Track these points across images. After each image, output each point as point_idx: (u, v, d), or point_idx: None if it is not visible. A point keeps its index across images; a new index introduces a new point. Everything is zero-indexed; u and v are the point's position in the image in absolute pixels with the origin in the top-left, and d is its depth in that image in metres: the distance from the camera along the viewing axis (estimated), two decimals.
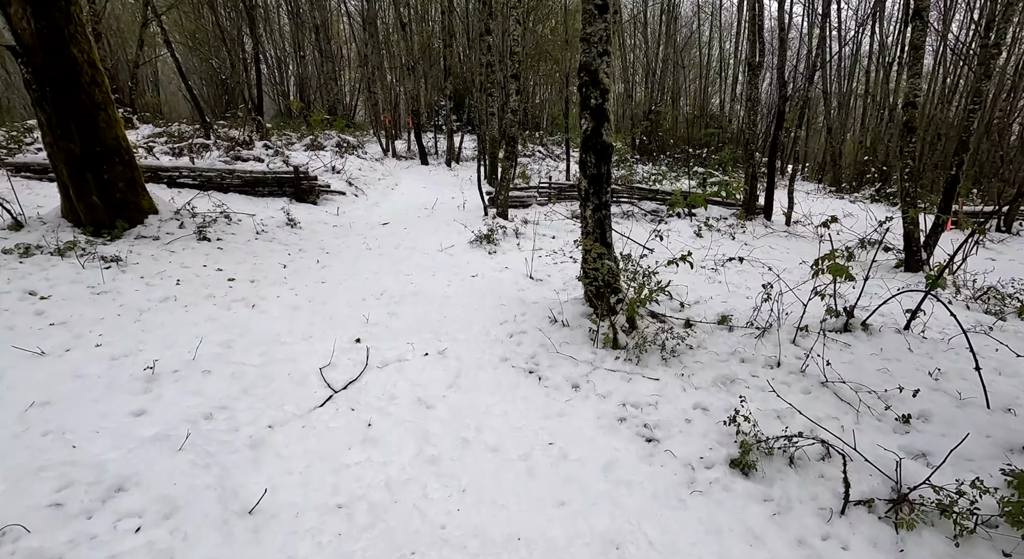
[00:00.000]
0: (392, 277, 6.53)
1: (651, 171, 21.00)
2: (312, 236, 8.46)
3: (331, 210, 10.38)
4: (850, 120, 27.66)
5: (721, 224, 11.38)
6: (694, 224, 11.51)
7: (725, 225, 11.33)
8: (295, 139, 16.43)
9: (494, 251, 8.04)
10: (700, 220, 12.09)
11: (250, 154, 12.83)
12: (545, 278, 6.72)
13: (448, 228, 9.54)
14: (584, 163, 4.87)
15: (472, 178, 16.64)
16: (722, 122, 30.41)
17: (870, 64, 26.30)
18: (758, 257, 8.49)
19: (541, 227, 9.94)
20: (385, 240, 8.55)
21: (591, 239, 4.98)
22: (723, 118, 31.91)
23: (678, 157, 24.40)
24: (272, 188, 10.51)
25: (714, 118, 33.09)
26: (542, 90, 30.18)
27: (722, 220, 12.23)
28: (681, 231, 10.80)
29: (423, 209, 11.53)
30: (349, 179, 12.59)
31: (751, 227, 11.37)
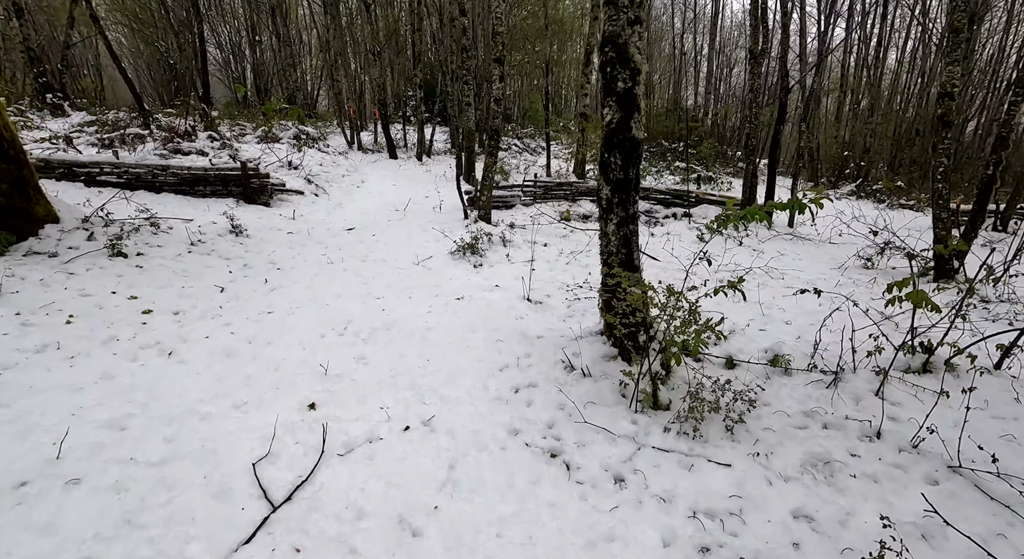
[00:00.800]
0: (359, 302, 5.34)
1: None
2: (261, 247, 7.15)
3: (286, 213, 9.03)
4: (822, 113, 27.62)
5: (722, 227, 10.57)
6: (693, 227, 10.67)
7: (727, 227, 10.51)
8: (249, 130, 14.82)
9: (480, 264, 6.93)
10: (697, 221, 11.28)
11: (192, 147, 11.26)
12: (544, 299, 5.67)
13: (424, 235, 8.36)
14: (607, 165, 3.82)
15: (446, 174, 15.45)
16: (695, 116, 30.02)
17: (847, 57, 26.23)
18: (774, 266, 7.66)
19: (529, 232, 8.87)
20: (350, 251, 7.32)
21: (614, 260, 3.95)
22: (696, 112, 31.57)
23: (654, 151, 23.76)
24: (215, 187, 9.08)
25: (685, 111, 32.74)
26: (513, 81, 29.07)
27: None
28: (681, 235, 9.92)
29: (394, 211, 10.28)
30: (308, 176, 11.21)
31: (753, 229, 10.60)
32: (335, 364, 3.91)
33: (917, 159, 25.96)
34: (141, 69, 28.30)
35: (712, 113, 31.14)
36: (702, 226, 10.56)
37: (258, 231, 7.74)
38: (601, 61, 3.69)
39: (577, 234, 9.05)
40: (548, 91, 17.78)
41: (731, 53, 33.77)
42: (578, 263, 7.24)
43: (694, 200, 12.19)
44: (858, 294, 6.33)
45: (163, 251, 6.11)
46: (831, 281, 7.00)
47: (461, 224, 9.07)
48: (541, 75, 26.05)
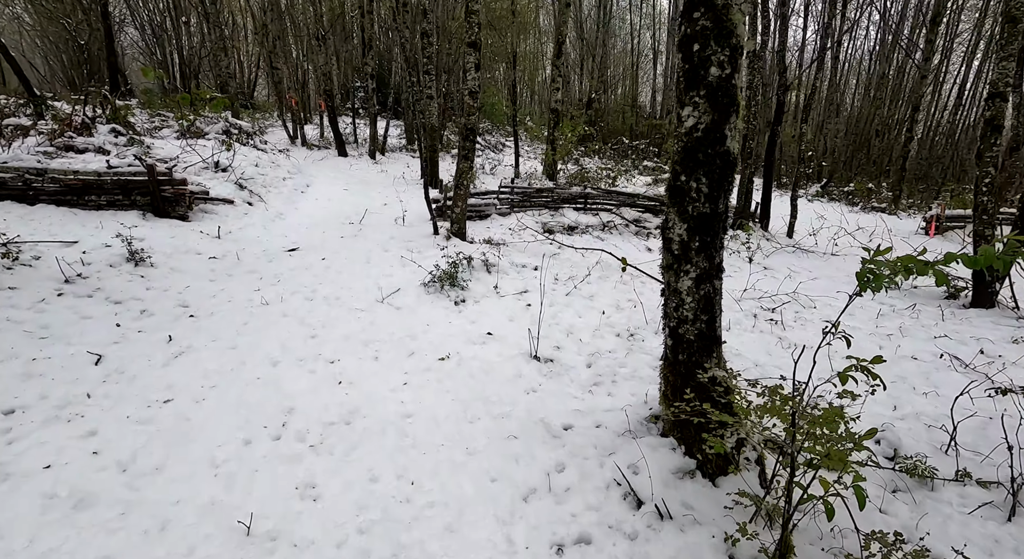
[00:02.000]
0: (305, 371, 3.87)
1: (602, 166, 19.26)
2: (170, 281, 5.48)
3: (209, 230, 7.30)
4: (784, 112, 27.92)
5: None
6: None
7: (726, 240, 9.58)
8: (172, 123, 12.67)
9: (462, 300, 5.56)
10: None
11: (88, 143, 9.21)
12: (555, 354, 4.39)
13: (387, 256, 6.88)
14: (682, 192, 2.58)
15: (405, 175, 13.92)
16: (655, 113, 29.71)
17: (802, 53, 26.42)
18: (799, 290, 6.72)
19: (513, 250, 7.57)
20: (293, 283, 5.76)
21: (689, 330, 2.72)
22: (655, 109, 31.30)
23: (616, 149, 23.02)
24: (113, 197, 7.22)
25: (653, 108, 32.47)
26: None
27: None
28: None
29: (347, 224, 8.70)
30: (241, 180, 9.41)
31: (753, 241, 9.75)
32: (266, 508, 2.47)
33: (877, 160, 26.62)
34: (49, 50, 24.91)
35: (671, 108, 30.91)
36: None
37: (168, 257, 6.03)
38: (682, 35, 2.44)
39: (568, 253, 7.83)
40: (516, 84, 16.49)
41: None
42: (580, 294, 6.01)
43: None
44: (910, 328, 5.44)
45: (15, 297, 4.38)
46: (870, 311, 6.11)
47: (431, 241, 7.64)
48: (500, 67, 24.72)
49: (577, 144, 23.14)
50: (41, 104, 11.56)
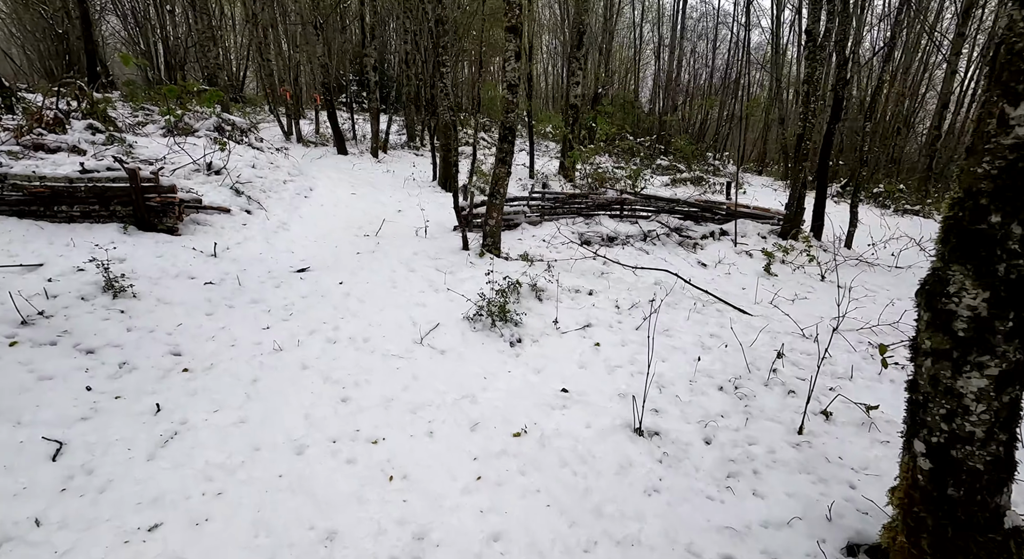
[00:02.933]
0: (340, 459, 2.89)
1: (615, 165, 18.32)
2: (157, 317, 4.46)
3: (203, 245, 6.26)
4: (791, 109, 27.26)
5: (777, 251, 8.71)
6: (741, 251, 8.79)
7: (780, 251, 8.67)
8: (158, 118, 11.54)
9: (518, 338, 4.58)
10: (742, 242, 9.42)
11: (61, 141, 8.12)
12: (657, 423, 3.42)
13: (415, 279, 5.89)
14: (988, 238, 1.62)
15: (415, 176, 12.90)
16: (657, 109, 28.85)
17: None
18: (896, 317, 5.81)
19: (557, 268, 6.60)
20: (308, 319, 4.75)
21: (979, 455, 1.77)
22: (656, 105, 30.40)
23: (620, 147, 22.05)
24: (88, 207, 6.16)
25: (664, 103, 31.53)
26: (463, 68, 26.36)
27: (761, 239, 9.66)
28: (736, 264, 7.98)
29: (361, 236, 7.68)
30: (237, 184, 8.34)
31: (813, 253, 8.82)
32: None
33: (897, 158, 25.89)
34: (26, 40, 23.54)
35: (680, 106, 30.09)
36: (753, 250, 8.70)
37: (155, 284, 5.00)
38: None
39: (614, 269, 6.88)
40: (532, 77, 15.48)
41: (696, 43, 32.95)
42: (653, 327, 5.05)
43: (724, 213, 10.37)
44: None
45: None
46: None
47: (462, 258, 6.65)
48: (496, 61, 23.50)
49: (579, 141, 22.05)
50: (10, 96, 10.43)
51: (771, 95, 28.46)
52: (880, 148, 24.40)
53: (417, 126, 20.26)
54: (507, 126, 6.37)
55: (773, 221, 10.67)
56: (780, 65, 28.47)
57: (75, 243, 5.54)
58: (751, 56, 29.86)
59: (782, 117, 29.09)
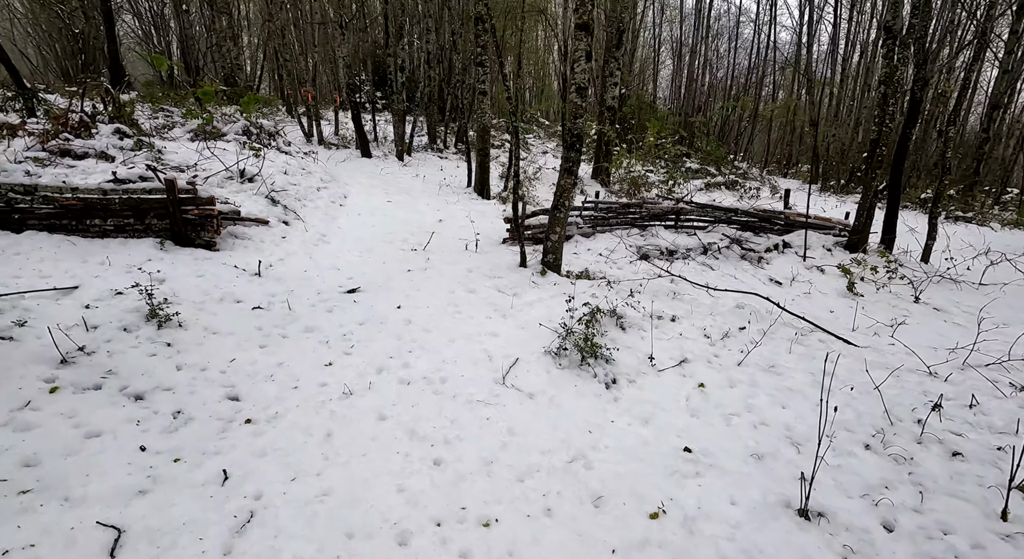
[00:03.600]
0: (445, 546, 2.39)
1: (646, 169, 17.71)
2: (207, 350, 3.99)
3: (245, 262, 5.81)
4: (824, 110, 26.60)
5: (853, 266, 8.07)
6: (811, 265, 8.19)
7: (856, 266, 8.04)
8: (178, 119, 11.17)
9: (612, 379, 4.05)
10: (795, 252, 8.82)
11: (88, 147, 7.74)
12: (820, 503, 2.88)
13: (477, 302, 5.38)
14: None
15: (449, 181, 12.42)
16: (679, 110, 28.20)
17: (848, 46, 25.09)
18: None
19: (627, 288, 6.06)
20: (372, 351, 4.25)
21: None
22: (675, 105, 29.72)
23: (640, 149, 21.35)
24: (123, 220, 5.73)
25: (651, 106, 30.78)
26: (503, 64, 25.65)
27: (827, 252, 9.05)
28: (813, 282, 7.39)
29: (409, 250, 7.20)
30: (272, 193, 7.91)
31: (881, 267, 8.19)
32: None
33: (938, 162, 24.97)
34: (42, 40, 23.47)
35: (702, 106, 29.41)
36: (826, 265, 8.09)
37: (199, 309, 4.55)
38: None
39: (684, 288, 6.34)
40: (566, 76, 14.92)
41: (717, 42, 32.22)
42: (756, 363, 4.50)
43: (782, 223, 9.77)
44: None
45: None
46: None
47: (523, 277, 6.14)
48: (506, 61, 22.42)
49: (659, 148, 21.29)
50: (32, 98, 10.13)
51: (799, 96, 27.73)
52: (958, 154, 23.62)
53: (438, 128, 19.83)
54: (575, 133, 5.85)
55: (834, 232, 10.05)
56: (811, 65, 27.74)
57: (110, 261, 5.11)
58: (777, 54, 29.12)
59: (813, 119, 28.30)
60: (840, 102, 26.10)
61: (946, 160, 8.51)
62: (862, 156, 25.44)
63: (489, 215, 9.73)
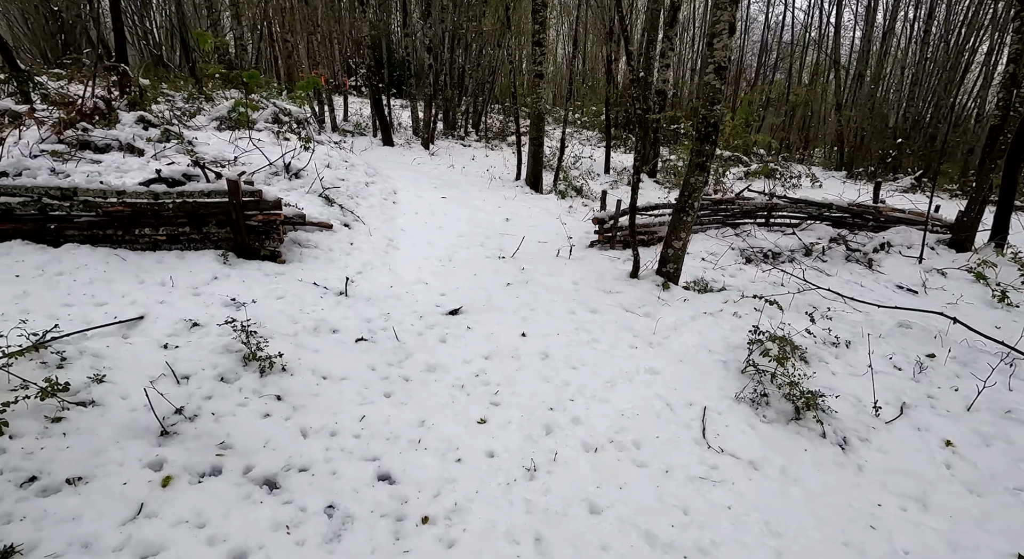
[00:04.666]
0: None
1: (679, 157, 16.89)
2: (325, 406, 3.18)
3: (321, 278, 4.97)
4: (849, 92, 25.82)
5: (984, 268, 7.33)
6: (928, 267, 7.46)
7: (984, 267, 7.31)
8: (186, 103, 10.16)
9: (843, 439, 3.30)
10: (901, 251, 8.09)
11: (111, 137, 6.82)
12: None
13: (608, 325, 4.59)
14: None
15: (492, 172, 11.57)
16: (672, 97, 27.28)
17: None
18: None
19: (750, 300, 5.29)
20: (521, 401, 3.45)
21: None
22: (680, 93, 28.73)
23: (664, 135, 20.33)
24: (176, 228, 4.86)
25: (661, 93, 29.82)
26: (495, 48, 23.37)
27: (931, 251, 8.32)
28: (947, 288, 6.66)
29: (495, 257, 6.35)
30: (327, 191, 7.04)
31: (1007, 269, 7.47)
32: None
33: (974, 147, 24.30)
34: (13, 17, 22.02)
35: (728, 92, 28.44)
36: (948, 268, 7.36)
37: (296, 344, 3.73)
38: None
39: (815, 298, 5.58)
40: (611, 58, 13.97)
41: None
42: (985, 406, 3.76)
43: (872, 217, 9.03)
44: None
45: (59, 463, 2.10)
46: None
47: (643, 291, 5.36)
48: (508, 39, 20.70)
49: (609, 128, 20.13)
50: (27, 82, 9.12)
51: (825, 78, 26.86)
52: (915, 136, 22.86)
53: (458, 114, 18.84)
54: (711, 122, 5.03)
55: (928, 227, 9.34)
56: (838, 45, 26.84)
57: (173, 281, 4.27)
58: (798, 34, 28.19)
59: (839, 102, 27.45)
60: (870, 84, 25.08)
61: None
62: (895, 142, 24.73)
63: (553, 212, 8.92)
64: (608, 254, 6.69)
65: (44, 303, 3.68)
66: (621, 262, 6.45)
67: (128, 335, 3.50)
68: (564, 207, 9.30)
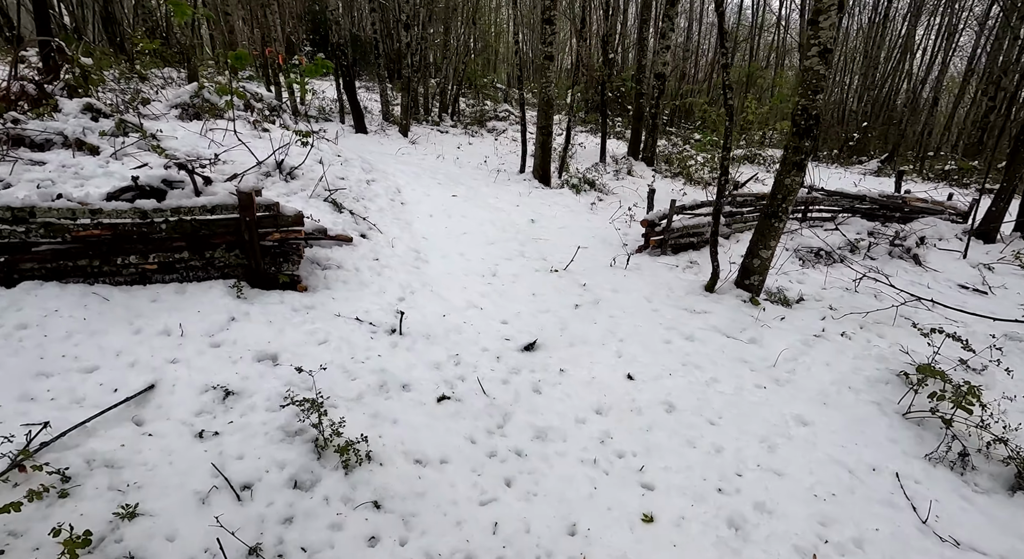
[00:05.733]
0: None
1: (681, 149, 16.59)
2: (434, 504, 2.40)
3: (360, 308, 4.06)
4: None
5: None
6: (974, 262, 7.27)
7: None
8: (113, 84, 8.67)
9: None
10: (936, 244, 7.91)
11: (52, 131, 5.55)
12: None
13: (714, 355, 3.96)
14: None
15: (489, 164, 10.73)
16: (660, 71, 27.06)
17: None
18: None
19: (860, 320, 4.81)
20: (681, 481, 2.75)
21: None
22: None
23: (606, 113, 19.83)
24: (171, 255, 3.82)
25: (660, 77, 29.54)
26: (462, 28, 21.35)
27: (959, 241, 8.19)
28: (1009, 286, 6.44)
29: (543, 270, 5.55)
30: (332, 194, 6.02)
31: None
32: None
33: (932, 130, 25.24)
34: None
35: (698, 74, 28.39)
36: (994, 264, 7.18)
37: (370, 414, 2.88)
38: None
39: (924, 315, 5.18)
40: (607, 40, 13.23)
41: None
42: None
43: (898, 208, 8.85)
44: None
45: None
46: None
47: (732, 308, 4.75)
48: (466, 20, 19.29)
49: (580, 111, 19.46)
50: None
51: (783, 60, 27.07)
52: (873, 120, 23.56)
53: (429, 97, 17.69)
54: (812, 113, 4.43)
55: (944, 216, 9.26)
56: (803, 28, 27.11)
57: (182, 329, 3.28)
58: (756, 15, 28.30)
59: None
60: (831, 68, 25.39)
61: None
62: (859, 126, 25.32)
63: (575, 210, 8.21)
64: (662, 261, 6.06)
65: (9, 376, 2.67)
66: (681, 270, 5.84)
67: (143, 419, 2.57)
68: (584, 204, 8.60)
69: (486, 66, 25.43)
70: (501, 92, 22.83)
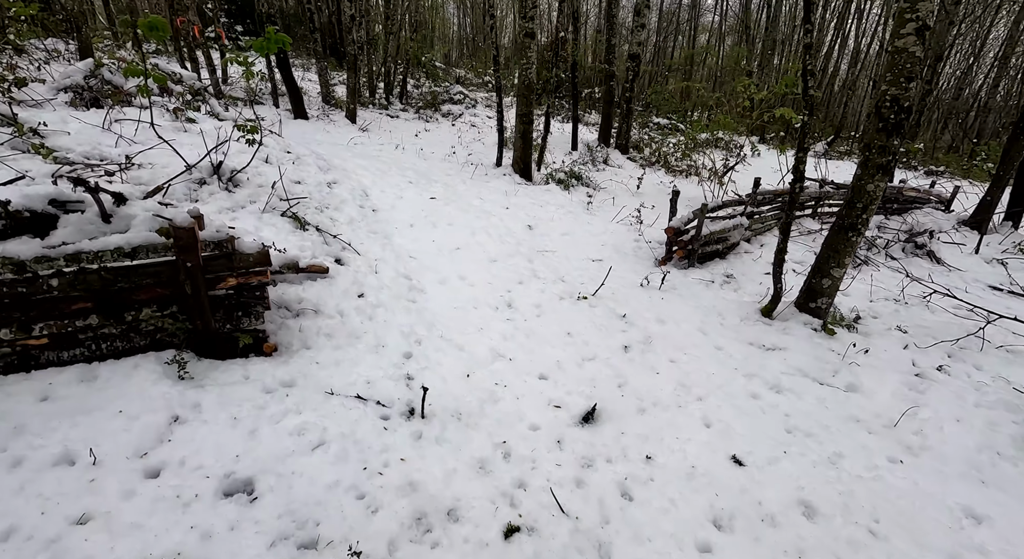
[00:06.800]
0: None
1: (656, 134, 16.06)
2: None
3: (359, 378, 2.97)
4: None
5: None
6: (988, 257, 7.01)
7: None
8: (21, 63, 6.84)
9: None
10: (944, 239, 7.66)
11: None
12: None
13: (826, 418, 3.18)
14: None
15: (458, 155, 9.66)
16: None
17: None
18: None
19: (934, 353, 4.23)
20: None
21: None
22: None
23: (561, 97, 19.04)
24: (70, 322, 2.57)
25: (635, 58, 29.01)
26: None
27: (955, 232, 8.00)
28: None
29: (568, 296, 4.58)
30: (288, 202, 4.77)
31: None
32: None
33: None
34: None
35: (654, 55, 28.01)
36: (1002, 256, 6.94)
37: None
38: None
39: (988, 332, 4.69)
40: (576, 14, 12.27)
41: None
42: None
43: (895, 200, 8.59)
44: None
45: None
46: None
47: (802, 340, 4.02)
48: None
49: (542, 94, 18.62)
50: None
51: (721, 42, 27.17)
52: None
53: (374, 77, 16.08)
54: (904, 105, 3.71)
55: (931, 205, 9.14)
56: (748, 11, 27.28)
57: (93, 454, 2.11)
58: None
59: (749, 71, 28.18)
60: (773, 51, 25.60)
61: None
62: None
63: (570, 209, 7.32)
64: (694, 276, 5.28)
65: None
66: (719, 287, 5.08)
67: None
68: (577, 202, 7.70)
69: (423, 43, 23.69)
70: (441, 70, 21.31)
